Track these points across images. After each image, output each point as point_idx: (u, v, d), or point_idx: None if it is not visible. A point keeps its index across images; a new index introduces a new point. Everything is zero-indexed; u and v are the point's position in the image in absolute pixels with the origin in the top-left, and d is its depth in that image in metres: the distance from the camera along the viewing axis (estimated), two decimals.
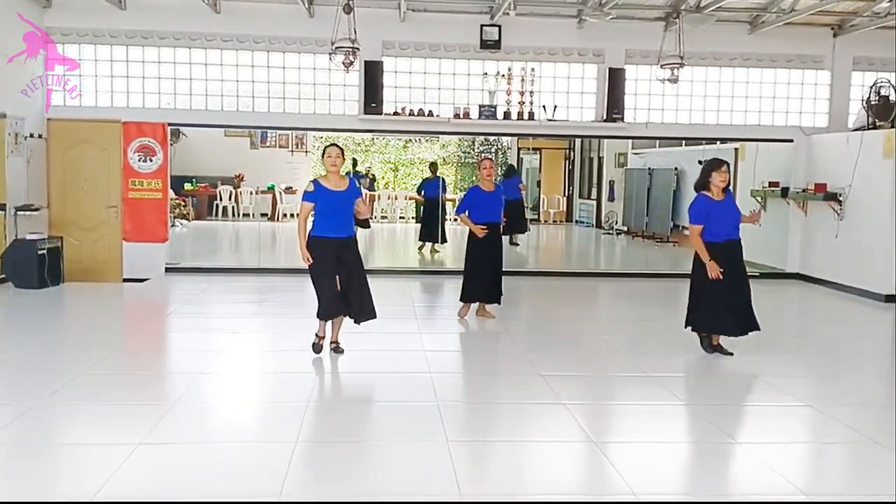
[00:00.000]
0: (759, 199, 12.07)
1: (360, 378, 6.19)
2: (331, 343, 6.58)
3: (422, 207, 14.88)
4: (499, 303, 8.22)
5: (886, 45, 11.30)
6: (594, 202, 18.17)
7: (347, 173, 14.68)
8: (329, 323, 6.48)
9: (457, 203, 14.83)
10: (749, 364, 6.64)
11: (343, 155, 6.39)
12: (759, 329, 6.64)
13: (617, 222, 17.06)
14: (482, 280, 8.01)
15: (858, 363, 7.02)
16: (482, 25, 10.82)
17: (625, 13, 10.72)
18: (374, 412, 5.35)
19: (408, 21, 10.76)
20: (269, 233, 14.84)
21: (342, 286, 6.30)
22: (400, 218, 18.78)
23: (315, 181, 6.33)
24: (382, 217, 18.41)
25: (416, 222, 18.27)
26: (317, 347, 6.47)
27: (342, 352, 6.54)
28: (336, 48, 9.52)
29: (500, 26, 10.77)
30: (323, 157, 6.42)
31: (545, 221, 19.08)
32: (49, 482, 3.93)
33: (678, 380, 6.03)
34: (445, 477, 3.99)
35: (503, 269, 8.35)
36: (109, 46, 10.53)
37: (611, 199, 17.55)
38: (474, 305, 8.26)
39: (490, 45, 10.85)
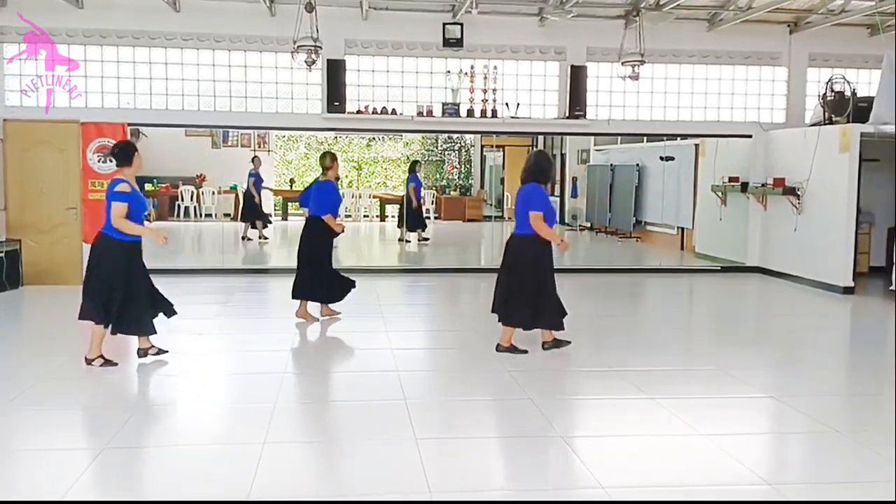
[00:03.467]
0: (719, 193, 12.25)
1: (328, 377, 6.18)
2: (143, 350, 6.26)
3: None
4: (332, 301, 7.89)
5: (841, 42, 11.56)
6: (557, 198, 18.27)
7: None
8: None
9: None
10: (711, 357, 6.75)
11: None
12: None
13: (580, 218, 17.19)
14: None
15: (818, 354, 7.15)
16: (444, 24, 10.83)
17: (586, 11, 10.81)
18: (341, 411, 5.34)
19: (370, 19, 10.73)
20: (231, 233, 14.69)
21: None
22: (364, 216, 18.72)
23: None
24: (346, 216, 18.33)
25: (381, 220, 18.35)
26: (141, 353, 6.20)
27: (161, 353, 6.28)
28: (298, 47, 9.47)
29: (462, 24, 10.78)
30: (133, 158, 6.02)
31: (509, 218, 19.12)
32: (10, 489, 3.86)
33: (642, 373, 6.09)
34: (414, 475, 4.00)
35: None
36: (67, 46, 10.34)
37: (574, 195, 17.66)
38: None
39: (452, 44, 10.86)
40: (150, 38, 10.48)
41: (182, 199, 16.82)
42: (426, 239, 14.80)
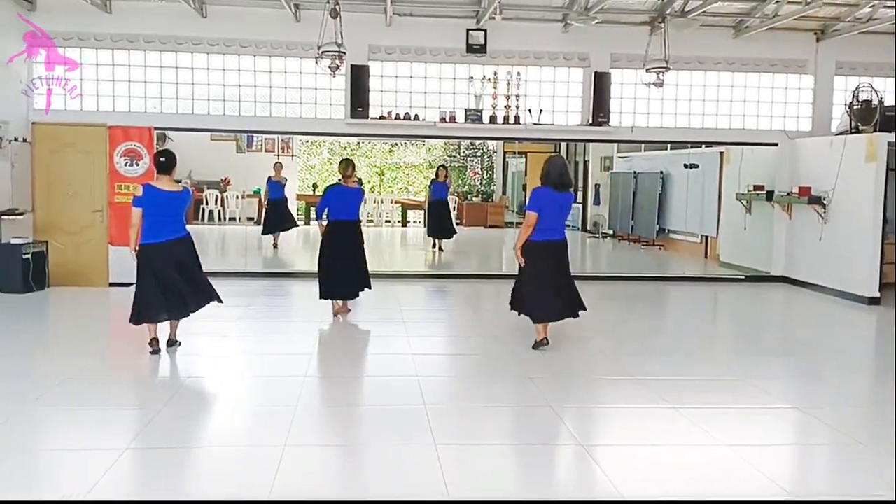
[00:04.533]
0: (744, 202, 12.16)
1: (348, 381, 6.20)
2: (168, 340, 6.69)
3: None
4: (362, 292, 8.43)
5: (868, 50, 11.43)
6: (580, 206, 18.23)
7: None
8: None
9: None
10: (733, 366, 6.70)
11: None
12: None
13: (603, 226, 17.13)
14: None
15: (842, 365, 7.07)
16: (468, 30, 10.85)
17: (610, 18, 10.77)
18: (362, 416, 5.35)
19: (394, 25, 10.77)
20: (255, 237, 14.79)
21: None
22: (386, 222, 18.79)
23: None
24: (369, 221, 18.40)
25: (402, 226, 18.40)
26: (154, 349, 6.48)
27: (179, 344, 6.74)
28: (322, 52, 9.52)
29: (485, 30, 10.80)
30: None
31: None
32: (34, 488, 3.90)
33: (664, 382, 6.06)
34: (433, 479, 4.00)
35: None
36: (95, 50, 10.48)
37: (596, 202, 17.61)
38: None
39: (476, 50, 10.88)
40: (177, 43, 10.59)
41: (207, 203, 16.99)
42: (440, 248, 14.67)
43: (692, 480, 4.17)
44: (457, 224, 17.39)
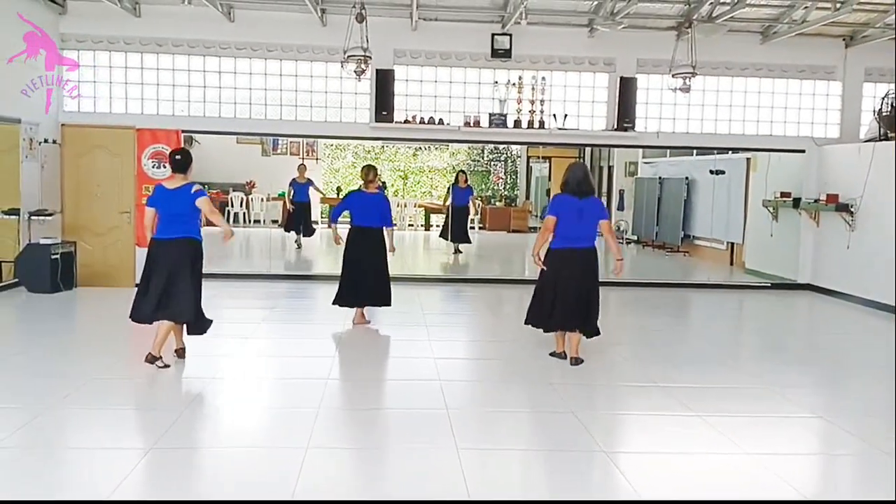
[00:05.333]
0: (771, 209, 12.05)
1: (370, 384, 6.21)
2: (175, 350, 6.45)
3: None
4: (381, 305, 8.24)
5: None
6: None
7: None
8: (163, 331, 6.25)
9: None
10: (758, 374, 6.64)
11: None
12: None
13: (627, 231, 17.03)
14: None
15: (868, 374, 6.98)
16: (493, 34, 10.85)
17: (636, 22, 10.74)
18: (384, 419, 5.36)
19: (419, 30, 10.81)
20: (279, 239, 14.87)
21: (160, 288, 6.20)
22: (409, 225, 18.81)
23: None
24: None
25: (425, 230, 18.41)
26: (150, 357, 6.15)
27: (183, 357, 6.44)
28: (348, 56, 9.57)
29: (511, 35, 10.80)
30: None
31: None
32: (60, 487, 3.95)
33: (687, 390, 6.02)
34: (455, 483, 4.00)
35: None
36: (124, 53, 10.60)
37: (620, 208, 17.51)
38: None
39: (501, 54, 10.88)
40: (205, 46, 10.69)
41: (232, 205, 17.10)
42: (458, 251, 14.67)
43: (715, 489, 4.14)
44: (480, 228, 17.42)
